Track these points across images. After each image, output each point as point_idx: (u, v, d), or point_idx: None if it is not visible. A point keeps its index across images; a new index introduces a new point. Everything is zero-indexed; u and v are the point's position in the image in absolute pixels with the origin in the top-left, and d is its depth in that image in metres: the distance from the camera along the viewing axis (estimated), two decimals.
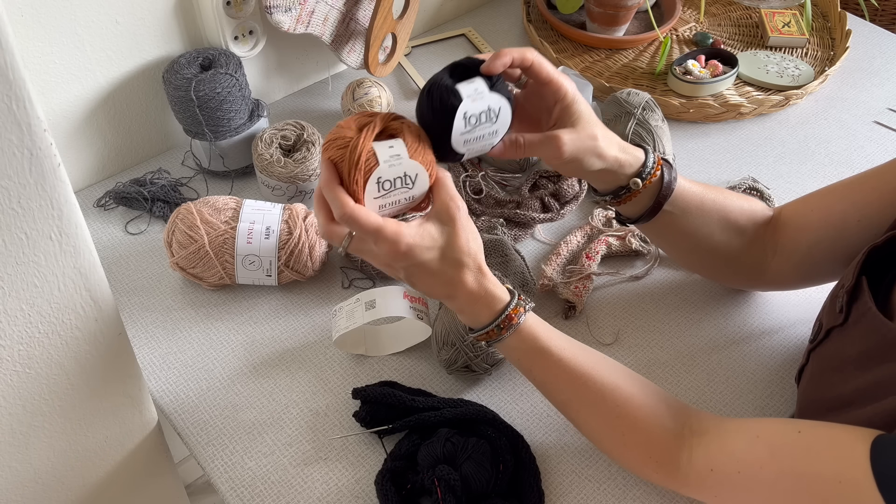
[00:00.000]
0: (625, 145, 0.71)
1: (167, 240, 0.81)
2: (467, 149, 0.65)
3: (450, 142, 0.63)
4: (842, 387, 0.60)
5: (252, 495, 0.69)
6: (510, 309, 0.63)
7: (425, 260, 0.61)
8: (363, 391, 0.73)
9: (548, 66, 0.67)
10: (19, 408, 0.61)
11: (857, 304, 0.61)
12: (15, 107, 0.46)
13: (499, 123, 0.65)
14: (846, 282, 0.63)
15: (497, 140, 0.66)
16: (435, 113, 0.62)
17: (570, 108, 0.67)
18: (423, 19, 1.22)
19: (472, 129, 0.63)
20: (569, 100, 0.67)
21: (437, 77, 0.63)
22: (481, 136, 0.64)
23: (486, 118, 0.63)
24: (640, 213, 0.74)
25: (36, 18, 0.81)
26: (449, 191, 0.62)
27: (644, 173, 0.71)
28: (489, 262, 0.78)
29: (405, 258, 0.60)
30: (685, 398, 0.76)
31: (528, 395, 0.77)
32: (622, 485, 0.70)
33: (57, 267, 0.55)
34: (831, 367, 0.63)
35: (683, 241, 0.77)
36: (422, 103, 0.64)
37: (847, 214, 0.70)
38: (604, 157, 0.68)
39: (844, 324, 0.62)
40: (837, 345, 0.63)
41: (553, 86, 0.67)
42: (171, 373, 0.78)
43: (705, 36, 1.20)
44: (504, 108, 0.64)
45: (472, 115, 0.62)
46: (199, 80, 0.87)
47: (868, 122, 1.09)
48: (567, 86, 0.67)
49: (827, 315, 0.66)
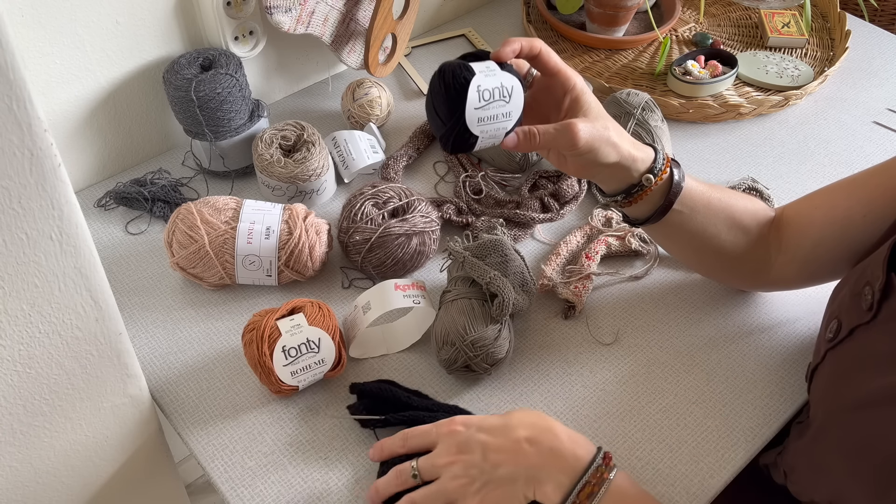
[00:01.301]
0: (634, 141, 0.71)
1: (167, 240, 0.82)
2: (481, 130, 0.64)
3: (464, 118, 0.62)
4: (870, 385, 0.59)
5: (252, 495, 0.69)
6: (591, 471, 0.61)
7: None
8: (361, 386, 0.74)
9: (555, 57, 0.67)
10: (19, 408, 0.61)
11: (890, 302, 0.59)
12: (15, 107, 0.46)
13: (512, 105, 0.64)
14: (873, 279, 0.61)
15: (511, 124, 0.66)
16: (448, 89, 0.62)
17: (581, 99, 0.67)
18: (423, 19, 1.22)
19: (485, 106, 0.63)
20: (578, 90, 0.67)
21: (448, 61, 0.64)
22: (495, 117, 0.64)
23: (499, 95, 0.63)
24: (650, 213, 0.73)
25: (36, 18, 0.81)
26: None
27: (656, 169, 0.70)
28: (489, 261, 0.78)
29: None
30: (685, 398, 0.77)
31: (528, 395, 0.77)
32: None
33: (57, 267, 0.56)
34: (855, 366, 0.62)
35: (690, 242, 0.76)
36: (433, 84, 0.64)
37: (852, 211, 0.69)
38: (618, 147, 0.68)
39: (872, 321, 0.60)
40: (863, 343, 0.62)
41: (562, 76, 0.67)
42: (171, 373, 0.78)
43: (705, 36, 1.20)
44: (516, 88, 0.64)
45: (485, 90, 0.62)
46: (200, 81, 0.87)
47: (868, 122, 1.09)
48: (576, 77, 0.68)
49: (848, 313, 0.64)
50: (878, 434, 0.57)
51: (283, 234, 0.81)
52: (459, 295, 0.76)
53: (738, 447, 0.73)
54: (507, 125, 0.66)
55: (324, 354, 0.72)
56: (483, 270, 0.75)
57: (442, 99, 0.63)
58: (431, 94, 0.65)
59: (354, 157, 0.95)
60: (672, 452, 0.72)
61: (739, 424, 0.75)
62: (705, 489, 0.70)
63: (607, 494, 0.60)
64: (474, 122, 0.63)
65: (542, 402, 0.76)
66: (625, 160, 0.69)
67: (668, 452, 0.72)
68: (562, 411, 0.75)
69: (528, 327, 0.82)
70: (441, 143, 0.68)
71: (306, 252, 0.81)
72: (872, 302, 0.60)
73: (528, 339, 0.81)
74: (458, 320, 0.73)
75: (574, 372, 0.79)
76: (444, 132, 0.66)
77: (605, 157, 0.68)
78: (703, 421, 0.75)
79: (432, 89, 0.65)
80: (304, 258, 0.82)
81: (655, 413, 0.75)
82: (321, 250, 0.83)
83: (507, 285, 0.74)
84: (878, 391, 0.58)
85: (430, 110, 0.67)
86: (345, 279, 0.87)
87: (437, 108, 0.64)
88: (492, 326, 0.74)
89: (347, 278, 0.87)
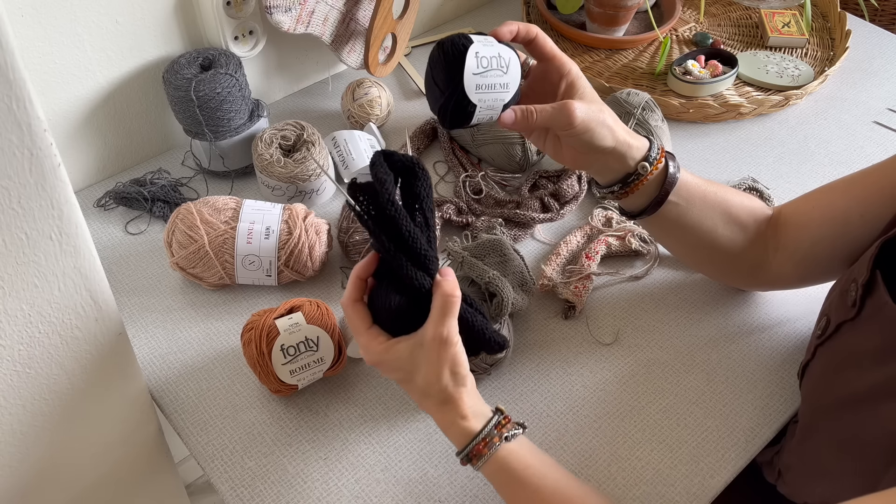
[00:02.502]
0: (629, 129, 0.71)
1: (167, 240, 0.82)
2: (479, 98, 0.64)
3: (462, 84, 0.63)
4: (856, 383, 0.59)
5: (252, 495, 0.69)
6: (479, 440, 0.61)
7: (394, 377, 0.64)
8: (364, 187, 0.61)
9: (550, 43, 0.69)
10: (19, 408, 0.61)
11: (872, 298, 0.60)
12: (15, 107, 0.46)
13: (509, 76, 0.65)
14: (859, 276, 0.62)
15: (508, 97, 0.67)
16: (446, 55, 0.63)
17: (576, 83, 0.68)
18: (423, 19, 1.22)
19: (483, 73, 0.64)
20: (573, 75, 0.68)
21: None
22: (493, 86, 0.65)
23: (496, 64, 0.64)
24: (645, 205, 0.73)
25: (36, 18, 0.81)
26: (436, 318, 0.60)
27: (651, 158, 0.71)
28: (488, 261, 0.78)
29: (378, 366, 0.63)
30: (685, 398, 0.77)
31: (528, 395, 0.77)
32: (622, 485, 0.70)
33: (57, 267, 0.56)
34: (843, 363, 0.62)
35: (686, 236, 0.76)
36: (433, 56, 0.65)
37: (849, 210, 0.69)
38: (613, 131, 0.68)
39: (857, 318, 0.61)
40: (849, 339, 0.62)
41: (557, 61, 0.68)
42: (171, 373, 0.78)
43: (705, 36, 1.20)
44: (514, 61, 0.65)
45: (483, 56, 0.63)
46: (199, 81, 0.87)
47: (868, 122, 1.09)
48: (571, 63, 0.69)
49: (836, 310, 0.65)
50: (863, 431, 0.57)
51: (282, 234, 0.81)
52: None
53: (738, 447, 0.73)
54: (504, 97, 0.66)
55: (323, 353, 0.72)
56: (482, 270, 0.75)
57: (441, 67, 0.64)
58: (430, 66, 0.66)
59: (354, 157, 0.95)
60: (672, 452, 0.72)
61: (739, 424, 0.75)
62: (705, 489, 0.70)
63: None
64: (472, 88, 0.64)
65: (542, 401, 0.76)
66: (620, 145, 0.69)
67: (668, 452, 0.72)
68: (562, 411, 0.75)
69: (528, 327, 0.82)
70: (439, 117, 0.68)
71: (306, 252, 0.81)
72: (856, 298, 0.61)
73: (528, 339, 0.81)
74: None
75: (574, 372, 0.79)
76: (443, 102, 0.66)
77: (601, 140, 0.68)
78: (703, 421, 0.75)
79: (431, 61, 0.66)
80: (304, 258, 0.82)
81: (655, 413, 0.75)
82: (321, 250, 0.83)
83: (506, 285, 0.74)
84: (865, 390, 0.58)
85: (428, 83, 0.67)
86: (344, 279, 0.87)
87: (436, 78, 0.65)
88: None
89: (347, 278, 0.87)
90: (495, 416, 0.62)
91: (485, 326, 0.63)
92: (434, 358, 0.59)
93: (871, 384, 0.58)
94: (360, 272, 0.62)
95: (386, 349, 0.61)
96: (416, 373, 0.60)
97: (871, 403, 0.57)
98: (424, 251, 0.59)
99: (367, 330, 0.62)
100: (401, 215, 0.58)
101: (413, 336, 0.60)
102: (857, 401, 0.59)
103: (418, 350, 0.60)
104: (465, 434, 0.61)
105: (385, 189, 0.57)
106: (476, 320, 0.62)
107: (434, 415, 0.63)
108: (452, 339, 0.59)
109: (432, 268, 0.60)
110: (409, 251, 0.59)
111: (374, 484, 0.70)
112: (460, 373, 0.60)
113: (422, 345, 0.59)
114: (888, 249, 0.62)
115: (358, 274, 0.62)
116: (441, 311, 0.58)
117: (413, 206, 0.61)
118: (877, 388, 0.57)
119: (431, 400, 0.62)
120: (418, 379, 0.61)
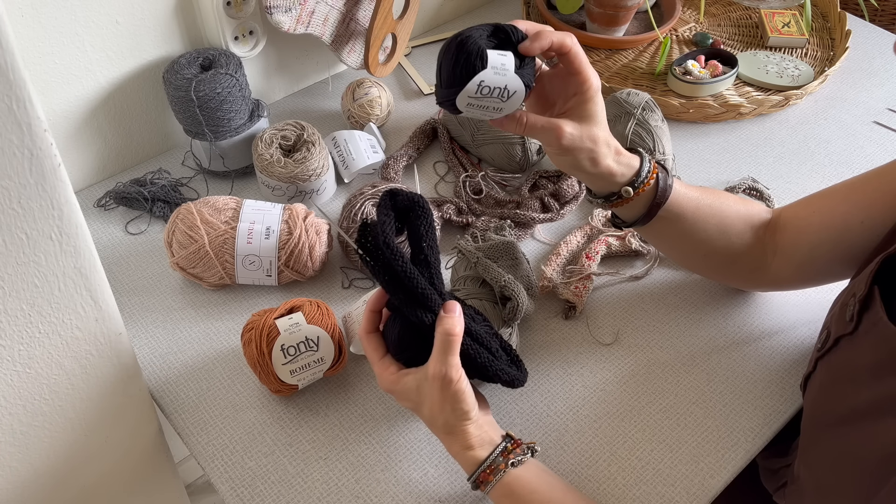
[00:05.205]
0: (621, 154, 0.71)
1: (167, 240, 0.82)
2: (467, 110, 0.66)
3: (455, 97, 0.64)
4: (854, 398, 0.59)
5: (252, 495, 0.69)
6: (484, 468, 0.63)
7: (405, 406, 0.67)
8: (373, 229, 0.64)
9: (582, 58, 0.67)
10: (19, 408, 0.61)
11: (869, 314, 0.60)
12: (15, 107, 0.46)
13: (507, 105, 0.65)
14: (858, 290, 0.61)
15: (497, 117, 0.67)
16: (456, 64, 0.63)
17: (586, 105, 0.68)
18: (423, 19, 1.22)
19: (479, 98, 0.64)
20: (588, 95, 0.68)
21: (476, 33, 0.64)
22: (485, 107, 0.65)
23: (497, 94, 0.64)
24: (634, 218, 0.74)
25: (36, 18, 0.81)
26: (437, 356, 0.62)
27: (637, 182, 0.71)
28: (500, 264, 0.78)
29: (390, 393, 0.66)
30: (685, 398, 0.77)
31: (528, 395, 0.77)
32: (622, 485, 0.70)
33: (57, 267, 0.55)
34: (843, 377, 0.62)
35: (680, 245, 0.77)
36: (449, 48, 0.64)
37: (849, 216, 0.69)
38: (597, 164, 0.69)
39: (854, 333, 0.61)
40: (848, 354, 0.62)
41: (580, 78, 0.67)
42: (171, 373, 0.78)
43: (705, 36, 1.20)
44: (518, 94, 0.65)
45: (486, 86, 0.63)
46: (200, 81, 0.87)
47: (868, 122, 1.09)
48: (593, 82, 0.68)
49: (836, 323, 0.65)
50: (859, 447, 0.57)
51: (283, 233, 0.81)
52: (470, 295, 0.76)
53: (738, 447, 0.73)
54: (493, 116, 0.67)
55: (323, 353, 0.72)
56: (497, 274, 0.75)
57: (449, 66, 0.64)
58: (445, 52, 0.65)
59: (354, 157, 0.95)
60: (672, 452, 0.72)
61: (739, 425, 0.75)
62: (705, 489, 0.70)
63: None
64: (464, 103, 0.65)
65: (542, 401, 0.76)
66: (601, 173, 0.70)
67: (668, 452, 0.72)
68: (562, 411, 0.75)
69: (528, 327, 0.82)
70: (434, 90, 0.69)
71: (306, 252, 0.81)
72: (853, 313, 0.61)
73: (529, 339, 0.81)
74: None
75: (574, 372, 0.79)
76: (437, 89, 0.68)
77: (583, 167, 0.69)
78: (703, 421, 0.75)
79: (448, 48, 0.64)
80: (304, 258, 0.82)
81: (655, 413, 0.75)
82: (321, 250, 0.83)
83: (522, 290, 0.74)
84: (865, 405, 0.58)
85: (439, 59, 0.67)
86: (345, 279, 0.87)
87: (442, 67, 0.65)
88: (503, 329, 0.74)
89: (347, 278, 0.87)
90: (502, 444, 0.64)
91: (490, 363, 0.65)
92: (436, 395, 0.62)
93: (867, 400, 0.58)
94: (372, 305, 0.67)
95: (396, 380, 0.65)
96: (423, 405, 0.64)
97: (867, 419, 0.57)
98: (422, 289, 0.62)
99: (380, 360, 0.66)
100: (396, 256, 0.61)
101: (420, 370, 0.64)
102: (853, 416, 0.59)
103: (424, 383, 0.63)
104: (471, 462, 0.64)
105: (382, 231, 0.61)
106: (481, 357, 0.64)
107: (443, 442, 0.66)
108: (453, 377, 0.61)
109: (433, 304, 0.62)
110: (407, 290, 0.62)
111: (375, 484, 0.70)
112: (462, 409, 0.62)
113: (426, 379, 0.62)
114: (888, 265, 0.62)
115: (370, 307, 0.67)
116: (442, 349, 0.61)
117: (418, 244, 0.64)
118: (872, 405, 0.57)
119: (438, 430, 0.65)
120: (424, 410, 0.64)
